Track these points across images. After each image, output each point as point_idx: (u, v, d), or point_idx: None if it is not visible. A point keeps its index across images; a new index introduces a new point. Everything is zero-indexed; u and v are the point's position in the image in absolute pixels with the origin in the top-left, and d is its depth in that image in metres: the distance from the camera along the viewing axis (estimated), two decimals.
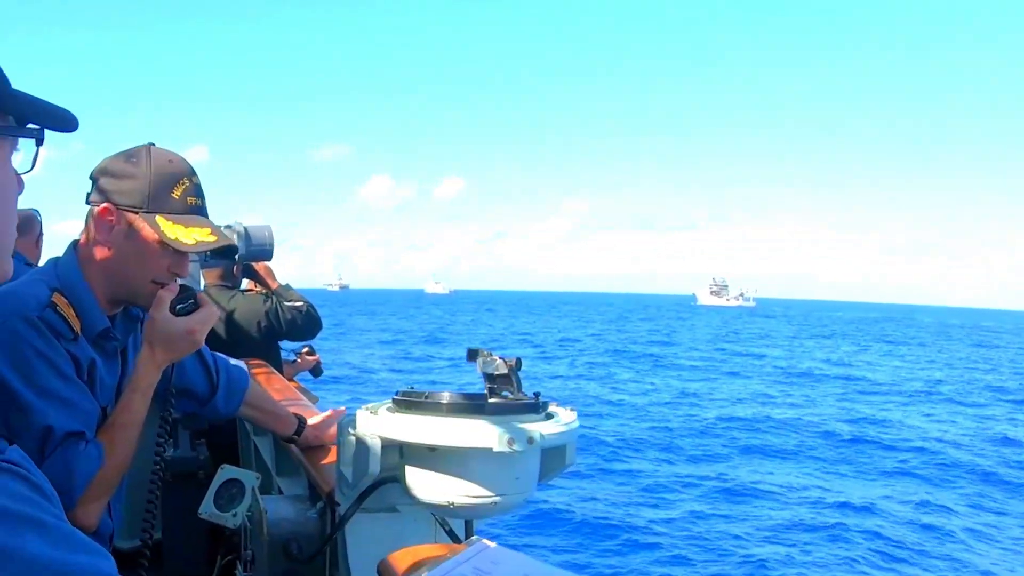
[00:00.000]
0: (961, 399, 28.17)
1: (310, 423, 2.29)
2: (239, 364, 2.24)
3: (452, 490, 1.45)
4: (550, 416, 1.49)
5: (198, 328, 1.76)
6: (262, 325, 3.88)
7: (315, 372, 4.76)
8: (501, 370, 1.48)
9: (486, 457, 1.39)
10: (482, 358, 1.50)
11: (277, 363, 4.06)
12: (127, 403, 1.74)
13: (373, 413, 1.53)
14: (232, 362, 2.22)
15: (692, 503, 13.02)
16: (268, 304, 3.90)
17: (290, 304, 3.92)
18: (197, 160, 1.82)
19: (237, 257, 3.46)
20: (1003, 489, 14.91)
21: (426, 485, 1.48)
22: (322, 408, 2.62)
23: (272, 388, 2.88)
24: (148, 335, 1.75)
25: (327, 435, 2.24)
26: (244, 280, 4.12)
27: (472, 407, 1.43)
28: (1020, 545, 11.54)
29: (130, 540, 2.50)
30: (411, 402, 1.48)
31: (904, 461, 17.12)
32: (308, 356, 4.69)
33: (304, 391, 3.54)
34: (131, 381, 1.75)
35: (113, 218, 1.70)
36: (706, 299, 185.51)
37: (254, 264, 3.87)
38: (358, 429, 1.55)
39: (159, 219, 1.69)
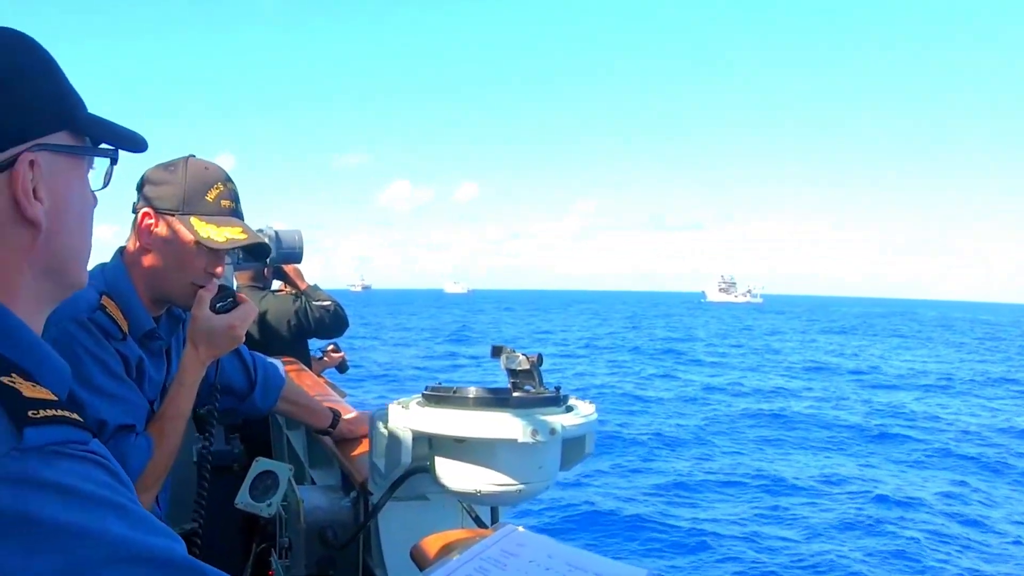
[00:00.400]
0: (978, 391, 27.65)
1: (345, 418, 2.34)
2: (275, 362, 2.29)
3: (479, 479, 1.48)
4: (570, 409, 1.53)
5: (238, 324, 1.81)
6: (292, 324, 3.93)
7: (341, 368, 4.81)
8: (523, 366, 1.52)
9: (511, 447, 1.43)
10: (505, 355, 1.54)
11: (306, 360, 4.11)
12: (173, 398, 1.79)
13: (404, 407, 1.56)
14: (268, 360, 2.27)
15: (729, 498, 12.63)
16: (297, 304, 3.95)
17: (318, 303, 3.98)
18: (224, 167, 1.88)
19: (268, 260, 3.52)
20: None
21: (454, 474, 1.51)
22: (350, 403, 2.67)
23: (304, 384, 2.92)
24: (191, 333, 1.80)
25: (360, 428, 2.30)
26: (274, 281, 4.18)
27: (497, 401, 1.46)
28: None
29: (175, 528, 2.55)
30: (440, 396, 1.52)
31: (938, 450, 16.74)
32: (334, 353, 4.73)
33: (333, 387, 3.59)
34: (176, 377, 1.81)
35: (153, 222, 1.76)
36: (715, 296, 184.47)
37: (284, 266, 3.93)
38: (390, 422, 1.59)
39: (193, 220, 1.75)
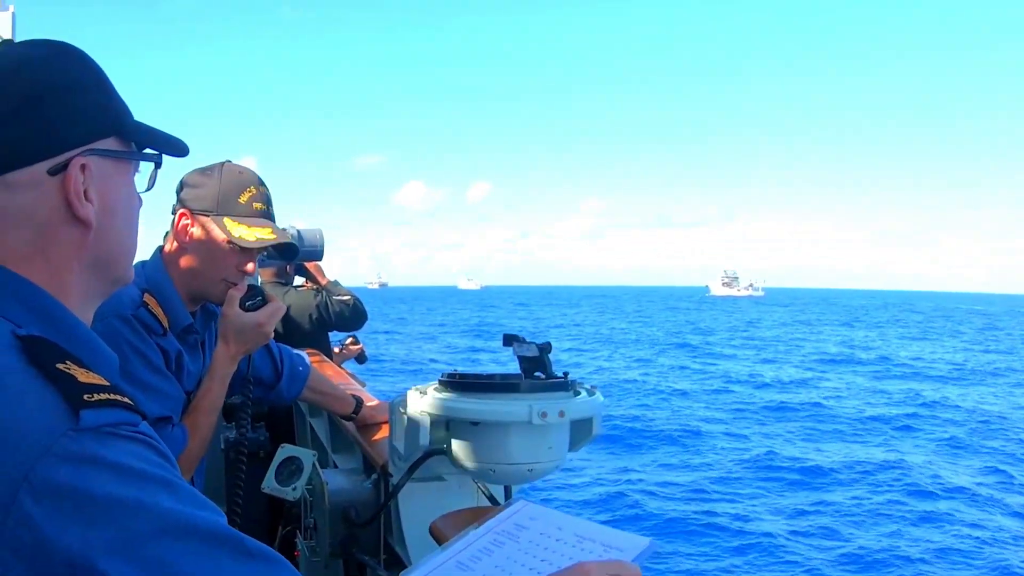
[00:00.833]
0: (994, 379, 27.53)
1: (367, 404, 2.39)
2: (300, 353, 2.34)
3: (493, 459, 1.53)
4: (577, 393, 1.57)
5: (266, 322, 1.85)
6: (313, 317, 3.98)
7: (360, 359, 4.85)
8: (534, 353, 1.56)
9: (522, 429, 1.47)
10: (517, 343, 1.58)
11: (327, 352, 4.16)
12: (206, 390, 1.84)
13: (422, 393, 1.61)
14: (294, 351, 2.32)
15: (768, 490, 12.39)
16: (319, 298, 3.99)
17: (338, 298, 4.02)
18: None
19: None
20: None
21: (470, 455, 1.56)
22: (368, 392, 2.71)
23: (326, 374, 2.95)
24: (222, 330, 1.85)
25: (380, 414, 2.34)
26: (297, 277, 4.22)
27: (510, 386, 1.51)
28: None
29: None
30: (456, 382, 1.56)
31: (967, 437, 16.69)
32: (352, 346, 4.78)
33: (352, 377, 3.63)
34: (208, 371, 1.86)
35: (189, 222, 1.81)
36: (718, 290, 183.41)
37: (306, 263, 3.98)
38: (409, 407, 1.64)
39: (226, 220, 1.79)
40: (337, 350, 4.63)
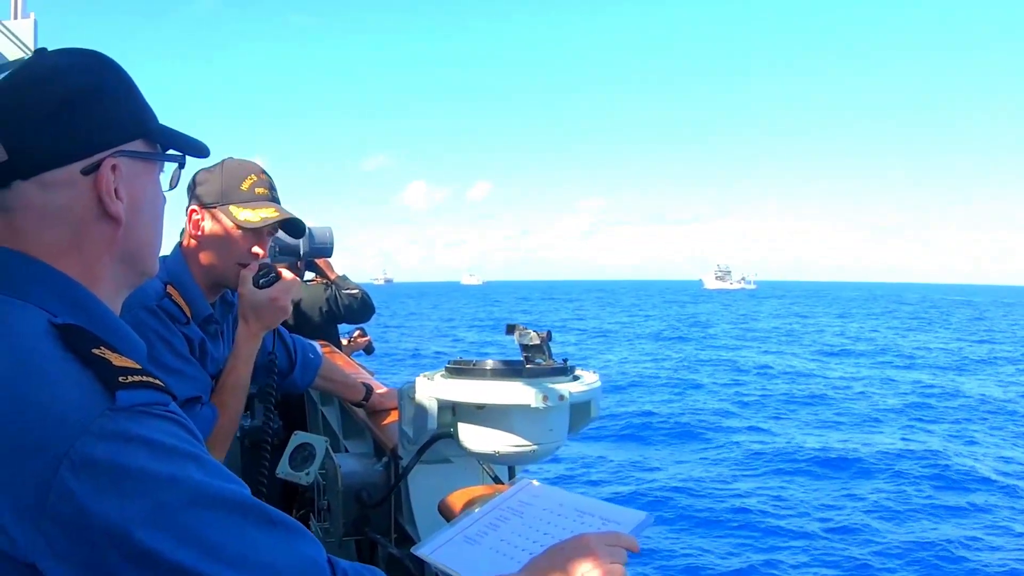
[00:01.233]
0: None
1: (377, 391, 2.42)
2: (313, 343, 2.37)
3: (497, 441, 1.55)
4: (576, 378, 1.59)
5: (281, 296, 1.87)
6: (323, 310, 4.01)
7: (368, 350, 4.88)
8: (535, 341, 1.58)
9: (525, 413, 1.49)
10: (519, 332, 1.60)
11: (337, 344, 4.19)
12: (232, 370, 1.87)
13: (430, 379, 1.63)
14: (307, 341, 2.35)
15: (791, 482, 11.92)
16: (328, 292, 4.02)
17: (347, 292, 4.05)
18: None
19: (302, 254, 3.59)
20: None
21: (475, 438, 1.58)
22: (376, 380, 2.74)
23: (336, 364, 2.99)
24: (240, 310, 1.88)
25: (389, 401, 2.37)
26: (307, 273, 4.25)
27: (512, 371, 1.53)
28: None
29: None
30: (461, 369, 1.59)
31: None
32: (360, 338, 4.81)
33: (361, 367, 3.66)
34: (233, 351, 1.89)
35: (200, 216, 1.86)
36: (712, 284, 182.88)
37: (316, 259, 4.01)
38: (417, 393, 1.65)
39: (231, 208, 1.84)
40: (345, 342, 4.66)
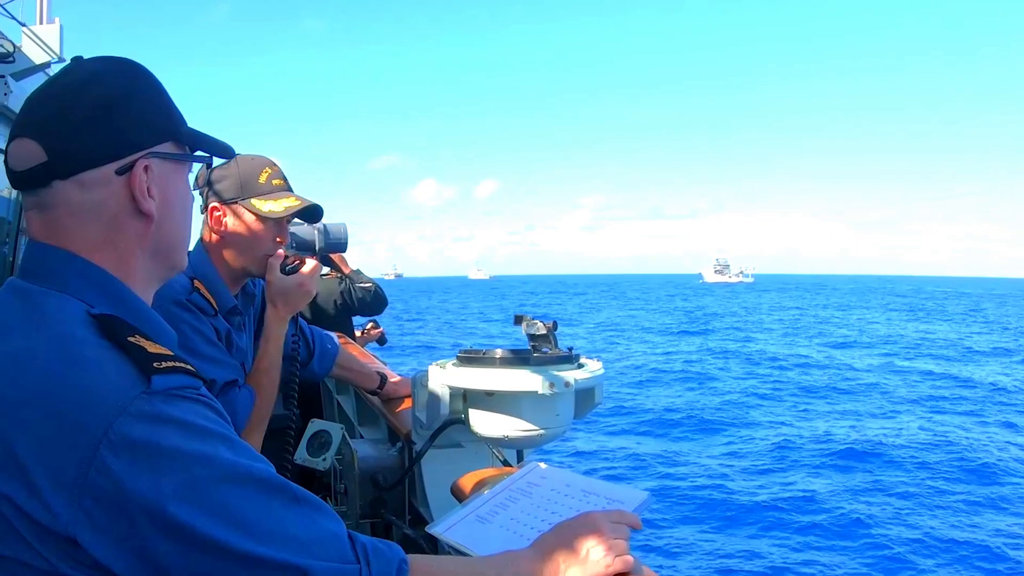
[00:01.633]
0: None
1: (391, 380, 2.44)
2: (330, 334, 2.39)
3: (506, 426, 1.57)
4: (581, 366, 1.62)
5: (307, 281, 1.91)
6: (338, 303, 4.03)
7: (380, 342, 4.90)
8: (541, 331, 1.61)
9: (532, 399, 1.52)
10: (526, 322, 1.63)
11: (350, 335, 4.21)
12: (265, 353, 1.92)
13: (442, 368, 1.66)
14: (324, 332, 2.37)
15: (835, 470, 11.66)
16: (343, 286, 4.05)
17: (361, 285, 4.07)
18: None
19: (317, 249, 3.61)
20: None
21: (485, 423, 1.61)
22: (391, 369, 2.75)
23: (352, 354, 3.02)
24: (269, 295, 1.91)
25: (403, 389, 2.39)
26: (322, 267, 4.27)
27: (520, 360, 1.56)
28: None
29: None
30: (472, 357, 1.62)
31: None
32: (373, 329, 4.83)
33: (374, 357, 3.68)
34: (264, 335, 1.93)
35: (221, 212, 1.87)
36: (711, 277, 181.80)
37: (331, 254, 4.02)
38: (430, 381, 1.68)
39: (253, 201, 1.86)
40: (359, 333, 4.68)
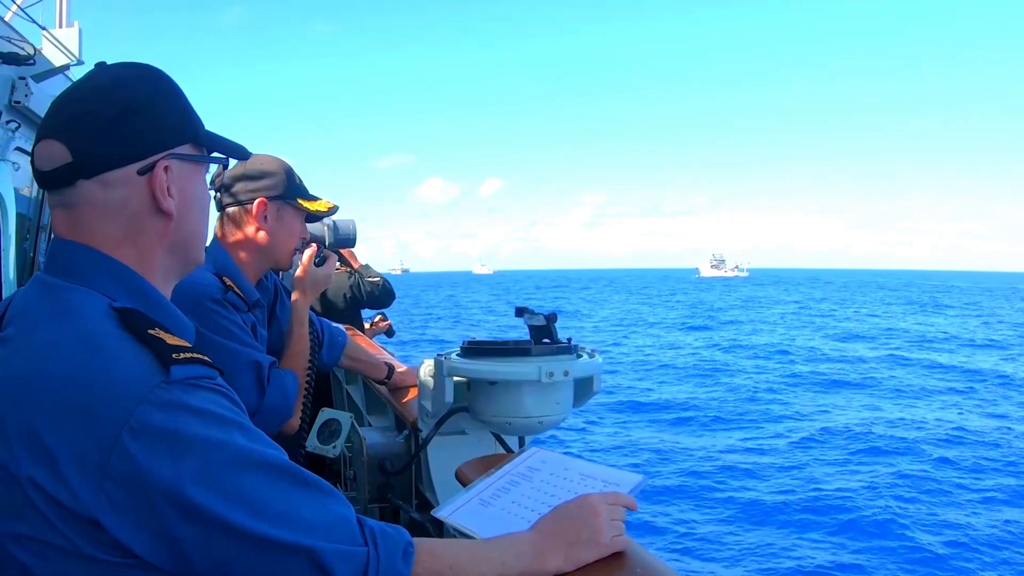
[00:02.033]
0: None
1: (398, 370, 2.46)
2: (339, 326, 2.42)
3: (508, 413, 1.59)
4: (580, 356, 1.63)
5: (332, 272, 2.12)
6: (347, 297, 4.05)
7: (388, 334, 4.91)
8: (541, 323, 1.63)
9: (533, 387, 1.54)
10: (528, 314, 1.64)
11: (360, 328, 4.23)
12: (300, 337, 2.03)
13: (447, 358, 1.67)
14: (333, 324, 2.40)
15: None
16: (352, 280, 4.06)
17: (369, 280, 4.09)
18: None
19: (327, 244, 3.63)
20: None
21: (488, 411, 1.62)
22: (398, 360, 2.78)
23: (360, 345, 3.04)
24: (300, 283, 2.05)
25: (410, 378, 2.41)
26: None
27: (522, 350, 1.57)
28: None
29: None
30: (476, 348, 1.63)
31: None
32: (382, 322, 4.84)
33: (383, 348, 3.70)
34: (296, 320, 2.04)
35: (266, 209, 1.94)
36: (708, 272, 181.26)
37: (340, 249, 4.04)
38: (435, 371, 1.70)
39: (299, 200, 1.98)
40: (368, 326, 4.70)
